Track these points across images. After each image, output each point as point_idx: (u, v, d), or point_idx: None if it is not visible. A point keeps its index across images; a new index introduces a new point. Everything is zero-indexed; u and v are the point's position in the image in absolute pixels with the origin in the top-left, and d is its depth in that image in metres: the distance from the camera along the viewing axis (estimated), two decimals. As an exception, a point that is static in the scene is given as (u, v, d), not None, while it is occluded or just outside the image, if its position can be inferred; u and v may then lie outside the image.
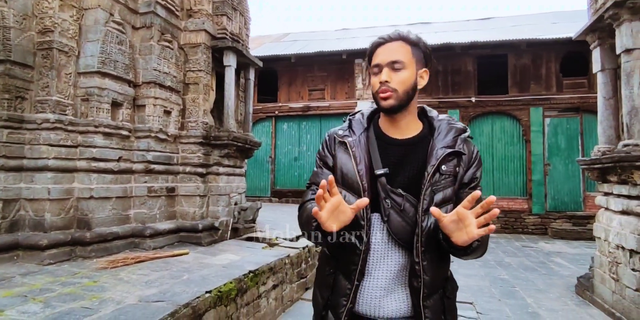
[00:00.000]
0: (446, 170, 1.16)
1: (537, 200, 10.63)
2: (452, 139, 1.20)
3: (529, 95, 10.70)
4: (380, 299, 1.18)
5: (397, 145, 1.24)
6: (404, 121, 1.24)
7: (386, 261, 1.19)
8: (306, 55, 11.75)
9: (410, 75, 1.18)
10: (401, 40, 1.20)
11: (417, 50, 1.20)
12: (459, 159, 1.18)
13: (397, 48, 1.18)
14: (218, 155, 5.27)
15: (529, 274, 6.54)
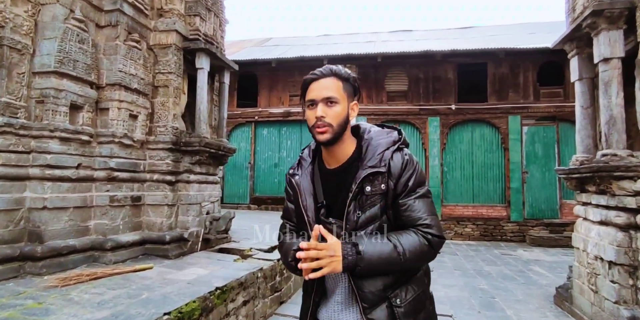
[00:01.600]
0: (371, 191, 1.22)
1: (515, 207, 10.64)
2: (377, 156, 1.25)
3: (507, 103, 10.75)
4: (338, 313, 1.29)
5: (333, 174, 1.32)
6: (339, 150, 1.30)
7: (342, 280, 1.30)
8: (287, 60, 11.55)
9: (342, 109, 1.25)
10: (333, 76, 1.26)
11: (348, 85, 1.27)
12: (387, 174, 1.23)
13: (330, 84, 1.25)
14: (189, 162, 4.98)
15: (509, 284, 6.44)
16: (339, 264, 1.14)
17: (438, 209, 10.85)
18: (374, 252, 1.15)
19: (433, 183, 10.96)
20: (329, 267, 1.13)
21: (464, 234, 10.81)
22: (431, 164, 11.01)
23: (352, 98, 1.29)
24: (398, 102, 11.33)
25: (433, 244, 1.20)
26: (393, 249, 1.16)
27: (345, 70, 1.29)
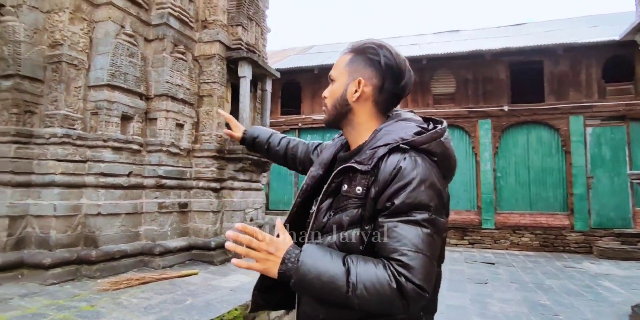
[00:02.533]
0: (347, 191, 0.94)
1: (579, 216, 9.82)
2: (370, 151, 0.95)
3: (567, 103, 10.01)
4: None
5: (340, 160, 1.08)
6: (348, 135, 1.09)
7: None
8: (329, 66, 11.54)
9: (338, 87, 1.06)
10: (348, 51, 1.06)
11: (359, 57, 1.03)
12: (373, 177, 0.92)
13: (339, 61, 1.07)
14: (233, 170, 5.07)
15: (574, 300, 5.90)
16: (274, 266, 0.88)
17: (491, 216, 10.30)
18: (312, 268, 0.84)
19: (485, 189, 10.42)
20: (261, 264, 0.90)
21: (520, 244, 10.13)
22: (482, 169, 10.48)
23: (361, 74, 1.01)
24: (445, 105, 10.94)
25: (405, 293, 0.81)
26: (342, 274, 0.83)
27: (370, 41, 1.03)
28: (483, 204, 10.39)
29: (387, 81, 1.01)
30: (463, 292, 6.19)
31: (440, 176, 0.92)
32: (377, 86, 1.02)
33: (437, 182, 0.89)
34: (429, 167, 0.90)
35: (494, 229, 10.27)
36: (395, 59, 1.00)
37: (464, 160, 10.75)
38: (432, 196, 0.88)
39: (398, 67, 1.01)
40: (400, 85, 1.02)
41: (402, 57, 1.03)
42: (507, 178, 10.45)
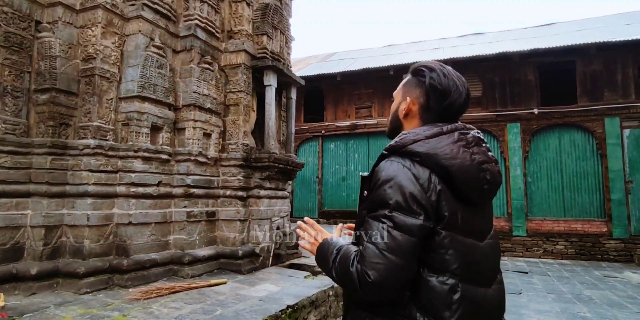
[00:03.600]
0: (361, 196, 1.11)
1: (618, 222, 9.34)
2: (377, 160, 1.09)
3: (602, 104, 9.60)
4: None
5: None
6: None
7: None
8: (352, 73, 11.54)
9: (394, 105, 1.20)
10: (409, 73, 1.20)
11: (412, 80, 1.15)
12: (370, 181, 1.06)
13: (401, 83, 1.22)
14: (259, 178, 5.08)
15: (617, 312, 5.57)
16: (314, 248, 1.16)
17: (523, 223, 9.93)
18: (321, 253, 1.11)
19: (515, 195, 10.07)
20: (311, 246, 1.18)
21: (555, 252, 9.72)
22: (512, 174, 10.14)
23: (411, 93, 1.12)
24: (471, 109, 10.68)
25: (357, 276, 0.94)
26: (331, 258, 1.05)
27: (423, 64, 1.13)
28: (513, 210, 10.04)
29: (432, 100, 1.08)
30: (496, 302, 5.95)
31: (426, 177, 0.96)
32: (422, 105, 1.10)
33: (404, 180, 0.95)
34: (399, 168, 0.97)
35: (526, 237, 9.89)
36: (441, 80, 1.07)
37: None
38: (393, 195, 0.95)
39: (443, 87, 1.07)
40: (445, 103, 1.08)
41: (452, 78, 1.08)
42: (539, 183, 10.08)
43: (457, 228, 0.96)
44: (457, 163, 0.97)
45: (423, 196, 0.94)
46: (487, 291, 1.00)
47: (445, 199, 0.96)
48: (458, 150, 0.99)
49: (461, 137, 1.03)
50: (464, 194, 0.98)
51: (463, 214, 0.98)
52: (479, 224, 1.03)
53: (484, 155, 1.03)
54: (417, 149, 0.98)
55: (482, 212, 1.05)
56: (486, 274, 1.02)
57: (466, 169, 0.97)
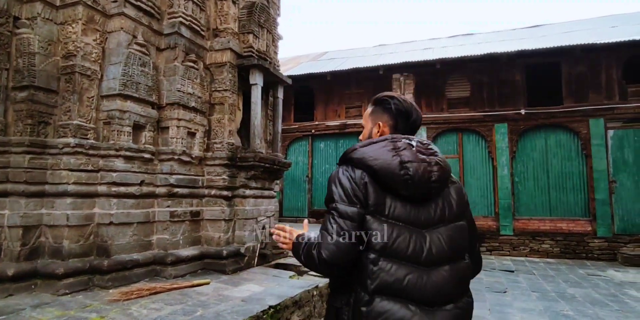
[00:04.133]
0: None
1: (602, 221, 9.46)
2: None
3: (587, 105, 9.71)
4: None
5: None
6: None
7: None
8: (342, 73, 11.53)
9: (366, 131, 1.46)
10: (370, 104, 1.47)
11: (378, 108, 1.42)
12: None
13: (365, 113, 1.49)
14: (244, 177, 5.03)
15: (599, 310, 5.63)
16: (290, 246, 1.36)
17: (510, 222, 10.02)
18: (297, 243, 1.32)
19: (502, 195, 10.15)
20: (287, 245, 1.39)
21: (541, 250, 9.81)
22: (500, 174, 10.22)
23: (380, 118, 1.40)
24: (460, 109, 10.75)
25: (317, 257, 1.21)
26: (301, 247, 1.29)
27: (382, 94, 1.43)
28: (501, 209, 10.12)
29: (399, 121, 1.37)
30: (481, 301, 5.98)
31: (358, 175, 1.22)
32: (392, 125, 1.38)
33: (344, 180, 1.22)
34: (341, 173, 1.25)
35: (513, 236, 9.98)
36: (402, 105, 1.37)
37: (480, 165, 10.52)
38: (336, 191, 1.22)
39: (406, 110, 1.37)
40: (410, 121, 1.38)
41: (409, 102, 1.39)
42: (526, 183, 10.17)
43: (384, 215, 1.18)
44: (379, 162, 1.19)
45: (357, 190, 1.19)
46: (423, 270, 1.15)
47: (372, 191, 1.19)
48: (382, 153, 1.21)
49: (389, 144, 1.24)
50: (393, 189, 1.20)
51: (395, 205, 1.19)
52: (421, 215, 1.21)
53: (413, 156, 1.21)
54: (352, 156, 1.25)
55: (429, 207, 1.23)
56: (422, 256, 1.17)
57: (386, 166, 1.18)
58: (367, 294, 1.14)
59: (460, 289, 1.21)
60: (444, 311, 1.14)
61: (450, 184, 1.30)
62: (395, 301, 1.12)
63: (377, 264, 1.14)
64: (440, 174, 1.22)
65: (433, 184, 1.20)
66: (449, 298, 1.17)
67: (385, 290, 1.13)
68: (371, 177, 1.20)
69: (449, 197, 1.27)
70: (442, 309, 1.15)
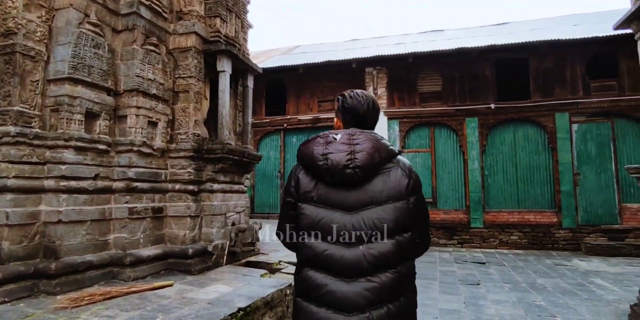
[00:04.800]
0: None
1: (567, 213, 9.68)
2: None
3: (553, 99, 9.88)
4: None
5: None
6: None
7: None
8: (314, 66, 11.24)
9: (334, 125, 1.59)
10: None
11: (336, 105, 1.56)
12: None
13: None
14: (212, 171, 4.68)
15: (569, 300, 5.67)
16: None
17: (480, 215, 10.10)
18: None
19: (473, 188, 10.21)
20: None
21: (509, 242, 9.95)
22: (470, 167, 10.27)
23: (337, 114, 1.55)
24: (432, 103, 10.72)
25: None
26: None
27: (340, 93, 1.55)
28: (471, 202, 10.18)
29: (348, 116, 1.49)
30: (456, 294, 5.91)
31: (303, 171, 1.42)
32: (343, 120, 1.51)
33: (292, 176, 1.45)
34: (293, 168, 1.47)
35: (483, 228, 10.07)
36: (348, 101, 1.50)
37: (451, 159, 10.54)
38: (286, 185, 1.47)
39: (351, 107, 1.49)
40: (358, 116, 1.48)
41: (356, 98, 1.49)
42: (495, 176, 10.27)
43: (313, 201, 1.36)
44: (306, 156, 1.38)
45: (292, 182, 1.43)
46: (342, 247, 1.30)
47: (303, 181, 1.39)
48: (310, 148, 1.37)
49: (319, 139, 1.38)
50: (320, 177, 1.36)
51: (323, 192, 1.35)
52: (347, 199, 1.33)
53: (333, 148, 1.34)
54: (297, 154, 1.45)
55: (359, 191, 1.33)
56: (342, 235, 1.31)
57: (309, 158, 1.36)
58: (298, 264, 1.40)
59: (380, 265, 1.29)
60: (359, 283, 1.26)
61: (392, 167, 1.36)
62: (318, 271, 1.32)
63: (304, 240, 1.36)
64: (364, 160, 1.30)
65: (351, 170, 1.30)
66: (366, 272, 1.28)
67: (309, 263, 1.34)
68: (305, 169, 1.40)
69: (385, 180, 1.34)
70: (358, 281, 1.27)
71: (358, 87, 11.45)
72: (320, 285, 1.28)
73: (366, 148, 1.32)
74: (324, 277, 1.29)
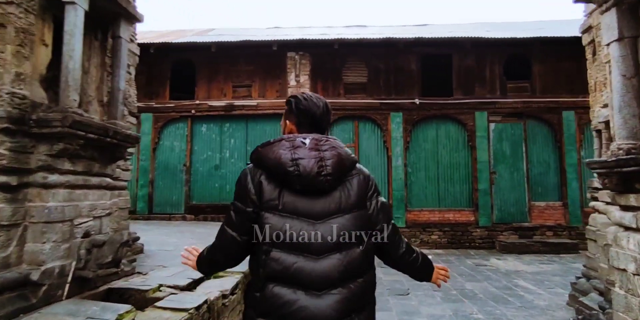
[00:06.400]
0: None
1: (483, 211, 9.45)
2: None
3: (473, 98, 9.60)
4: None
5: None
6: None
7: None
8: (229, 45, 9.60)
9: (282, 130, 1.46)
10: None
11: (287, 108, 1.43)
12: None
13: None
14: (47, 154, 2.93)
15: (504, 309, 4.99)
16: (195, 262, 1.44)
17: (402, 214, 9.41)
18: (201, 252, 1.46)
19: (396, 186, 9.49)
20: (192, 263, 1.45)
21: (430, 242, 9.42)
22: (394, 164, 9.54)
23: (288, 116, 1.42)
24: (357, 95, 9.79)
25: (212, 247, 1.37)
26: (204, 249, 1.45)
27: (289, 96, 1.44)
28: (394, 201, 9.45)
29: (301, 118, 1.38)
30: (387, 310, 4.89)
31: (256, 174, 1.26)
32: (296, 122, 1.40)
33: (242, 179, 1.28)
34: (244, 172, 1.29)
35: (405, 228, 9.38)
36: (302, 103, 1.39)
37: (375, 155, 9.71)
38: (237, 190, 1.29)
39: (305, 108, 1.38)
40: (313, 118, 1.38)
41: (310, 100, 1.40)
42: (418, 174, 9.69)
43: (277, 209, 1.21)
44: (271, 160, 1.23)
45: (252, 189, 1.24)
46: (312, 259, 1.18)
47: (267, 189, 1.23)
48: (276, 152, 1.23)
49: (285, 143, 1.25)
50: (287, 184, 1.22)
51: (289, 200, 1.21)
52: (314, 207, 1.22)
53: (304, 153, 1.22)
54: (253, 157, 1.30)
55: (326, 199, 1.23)
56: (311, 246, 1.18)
57: (279, 164, 1.21)
58: (259, 280, 1.20)
59: (350, 274, 1.21)
60: (331, 295, 1.16)
61: (354, 175, 1.30)
62: (285, 286, 1.17)
63: (269, 254, 1.19)
64: (334, 167, 1.23)
65: (323, 178, 1.21)
66: (337, 283, 1.18)
67: (276, 278, 1.18)
68: (267, 175, 1.24)
69: (348, 188, 1.27)
70: (330, 293, 1.16)
71: (278, 72, 10.07)
72: (290, 301, 1.15)
73: (335, 155, 1.25)
74: (292, 292, 1.16)
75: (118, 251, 3.26)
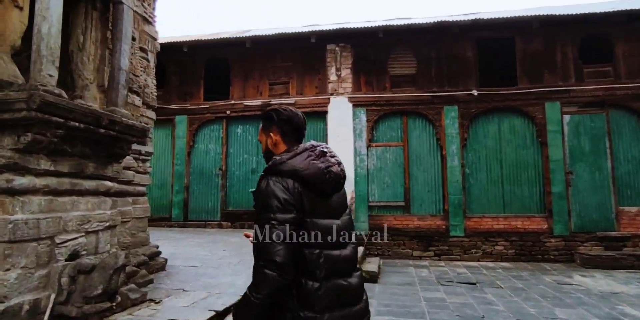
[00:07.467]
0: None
1: (559, 218, 7.90)
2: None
3: (542, 87, 8.12)
4: None
5: None
6: None
7: None
8: (265, 39, 8.84)
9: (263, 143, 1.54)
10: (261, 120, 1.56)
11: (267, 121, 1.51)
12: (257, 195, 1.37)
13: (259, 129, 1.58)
14: (12, 148, 2.12)
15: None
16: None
17: (460, 221, 8.09)
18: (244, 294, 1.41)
19: (452, 189, 8.19)
20: None
21: (494, 253, 8.01)
22: (449, 164, 8.25)
23: (269, 129, 1.49)
24: (405, 88, 8.63)
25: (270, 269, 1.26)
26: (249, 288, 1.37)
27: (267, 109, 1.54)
28: (450, 206, 8.15)
29: (285, 127, 1.47)
30: (464, 348, 3.70)
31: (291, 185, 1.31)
32: (281, 132, 1.48)
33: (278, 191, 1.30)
34: (273, 184, 1.32)
35: (464, 237, 8.06)
36: (284, 113, 1.48)
37: (427, 154, 8.47)
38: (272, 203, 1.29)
39: (287, 117, 1.47)
40: (295, 126, 1.48)
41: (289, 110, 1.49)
42: (477, 175, 8.32)
43: (317, 215, 1.34)
44: (309, 172, 1.34)
45: (292, 199, 1.30)
46: (343, 251, 1.39)
47: (305, 197, 1.32)
48: (309, 163, 1.36)
49: (310, 153, 1.39)
50: (318, 190, 1.36)
51: (321, 204, 1.36)
52: (334, 207, 1.42)
53: (328, 162, 1.39)
54: (283, 169, 1.34)
55: (336, 199, 1.43)
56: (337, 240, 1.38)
57: (315, 174, 1.35)
58: (316, 281, 1.30)
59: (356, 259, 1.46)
60: (355, 277, 1.42)
61: None
62: (336, 279, 1.34)
63: (322, 256, 1.32)
64: (344, 173, 1.44)
65: (342, 181, 1.44)
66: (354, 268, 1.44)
67: (333, 273, 1.34)
68: (303, 185, 1.32)
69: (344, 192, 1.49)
70: (354, 275, 1.42)
71: (317, 67, 9.10)
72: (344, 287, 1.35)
73: (340, 161, 1.45)
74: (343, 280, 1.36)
75: (112, 279, 2.40)
